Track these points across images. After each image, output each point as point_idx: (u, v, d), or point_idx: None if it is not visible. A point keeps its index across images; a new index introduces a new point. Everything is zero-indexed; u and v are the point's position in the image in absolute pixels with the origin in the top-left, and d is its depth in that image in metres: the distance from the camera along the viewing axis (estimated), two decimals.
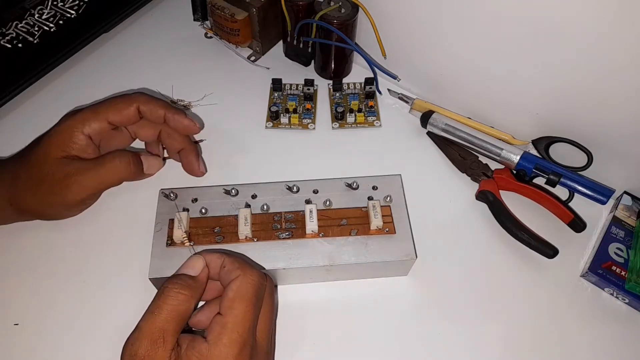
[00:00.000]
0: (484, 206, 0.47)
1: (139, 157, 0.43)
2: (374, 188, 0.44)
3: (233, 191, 0.43)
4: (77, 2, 0.56)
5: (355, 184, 0.43)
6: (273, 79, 0.54)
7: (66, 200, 0.39)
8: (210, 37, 0.60)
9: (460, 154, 0.50)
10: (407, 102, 0.54)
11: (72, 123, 0.40)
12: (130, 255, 0.43)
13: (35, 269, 0.43)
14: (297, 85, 0.55)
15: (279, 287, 0.42)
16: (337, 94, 0.55)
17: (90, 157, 0.41)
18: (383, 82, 0.56)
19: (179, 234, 0.39)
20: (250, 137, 0.51)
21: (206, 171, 0.46)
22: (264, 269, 0.39)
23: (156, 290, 0.40)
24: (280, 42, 0.59)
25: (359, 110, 0.53)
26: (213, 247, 0.40)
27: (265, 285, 0.34)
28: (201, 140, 0.48)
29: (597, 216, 0.47)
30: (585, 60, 0.41)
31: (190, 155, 0.44)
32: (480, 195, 0.47)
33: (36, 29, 0.53)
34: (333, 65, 0.56)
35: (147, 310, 0.31)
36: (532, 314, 0.42)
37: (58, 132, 0.40)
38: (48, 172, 0.39)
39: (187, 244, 0.38)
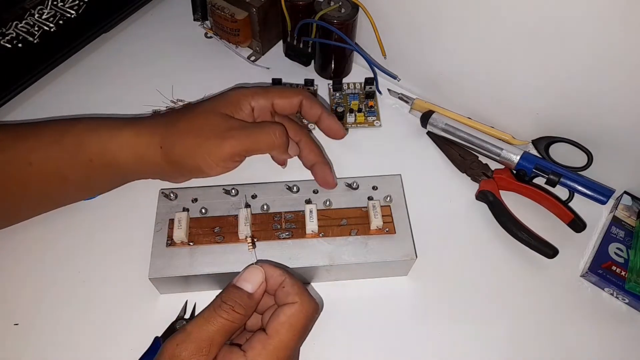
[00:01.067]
0: (484, 206, 0.47)
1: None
2: (374, 188, 0.44)
3: (233, 191, 0.43)
4: (77, 2, 0.56)
5: (355, 184, 0.43)
6: (273, 79, 0.54)
7: (221, 150, 0.40)
8: (210, 37, 0.60)
9: (460, 154, 0.50)
10: (407, 102, 0.54)
11: (244, 92, 0.43)
12: (130, 255, 0.43)
13: (36, 269, 0.43)
14: (297, 85, 0.55)
15: None
16: (337, 94, 0.55)
17: None
18: (383, 82, 0.56)
19: (179, 234, 0.39)
20: None
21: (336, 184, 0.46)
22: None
23: (156, 290, 0.41)
24: (280, 42, 0.59)
25: (359, 110, 0.53)
26: (214, 247, 0.40)
27: (317, 319, 0.34)
28: None
29: (597, 216, 0.47)
30: (585, 60, 0.41)
31: (326, 168, 0.44)
32: (480, 195, 0.47)
33: (36, 29, 0.53)
34: (333, 65, 0.55)
35: (199, 316, 0.31)
36: (532, 314, 0.42)
37: (229, 95, 0.43)
38: (213, 122, 0.41)
39: (250, 247, 0.38)
